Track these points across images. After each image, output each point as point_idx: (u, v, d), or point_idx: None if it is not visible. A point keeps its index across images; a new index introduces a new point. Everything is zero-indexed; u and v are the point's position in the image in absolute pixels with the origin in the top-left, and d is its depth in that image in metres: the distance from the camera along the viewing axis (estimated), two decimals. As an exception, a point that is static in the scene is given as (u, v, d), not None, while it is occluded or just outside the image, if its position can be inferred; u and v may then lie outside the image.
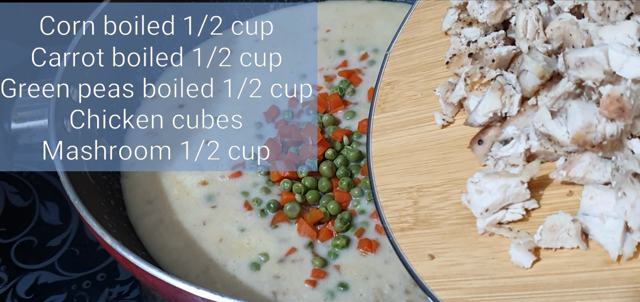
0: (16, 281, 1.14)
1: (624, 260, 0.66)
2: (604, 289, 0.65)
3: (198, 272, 0.96)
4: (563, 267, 0.68)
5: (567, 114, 0.72)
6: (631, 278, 0.65)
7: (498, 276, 0.70)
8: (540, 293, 0.68)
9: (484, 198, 0.73)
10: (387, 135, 0.89)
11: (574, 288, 0.67)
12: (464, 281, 0.72)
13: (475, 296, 0.70)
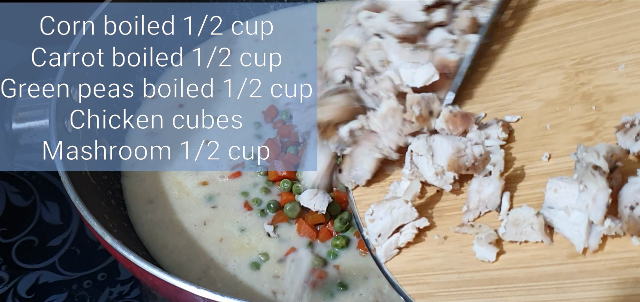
0: (17, 280, 1.14)
1: (589, 253, 0.66)
2: (569, 283, 0.66)
3: (198, 271, 0.96)
4: (529, 260, 0.69)
5: (434, 150, 0.76)
6: (596, 271, 0.65)
7: (465, 270, 0.71)
8: (506, 287, 0.68)
9: (375, 225, 0.75)
10: None
11: (540, 282, 0.67)
12: (432, 275, 0.73)
13: (443, 290, 0.71)
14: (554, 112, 0.78)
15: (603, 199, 0.65)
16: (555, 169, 0.73)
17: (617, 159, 0.68)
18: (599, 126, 0.74)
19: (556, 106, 0.78)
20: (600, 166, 0.65)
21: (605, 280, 0.64)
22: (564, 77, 0.80)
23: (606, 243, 0.66)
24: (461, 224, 0.74)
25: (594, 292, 0.64)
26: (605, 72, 0.78)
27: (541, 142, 0.76)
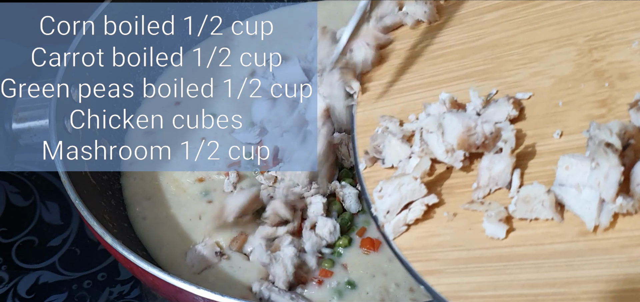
0: (17, 280, 1.14)
1: (600, 231, 0.66)
2: (579, 260, 0.65)
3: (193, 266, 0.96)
4: (539, 238, 0.68)
5: (444, 127, 0.75)
6: (607, 249, 0.64)
7: (474, 247, 0.71)
8: (515, 264, 0.68)
9: (383, 201, 0.75)
10: (372, 104, 0.89)
11: (549, 259, 0.66)
12: (441, 252, 0.72)
13: (451, 267, 0.70)
14: (567, 89, 0.77)
15: (615, 176, 0.64)
16: (567, 146, 0.72)
17: (630, 137, 0.67)
18: (611, 103, 0.73)
19: (569, 83, 0.77)
20: (613, 143, 0.65)
21: (616, 258, 0.64)
22: (577, 54, 0.79)
23: (617, 221, 0.65)
24: (471, 201, 0.73)
25: (604, 270, 0.63)
26: (619, 49, 0.77)
27: (553, 119, 0.75)
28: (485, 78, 0.84)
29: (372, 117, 0.88)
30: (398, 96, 0.88)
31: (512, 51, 0.84)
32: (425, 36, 0.93)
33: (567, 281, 0.64)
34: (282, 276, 0.90)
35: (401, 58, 0.92)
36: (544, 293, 0.65)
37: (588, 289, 0.63)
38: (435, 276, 0.71)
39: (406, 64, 0.91)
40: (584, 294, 0.63)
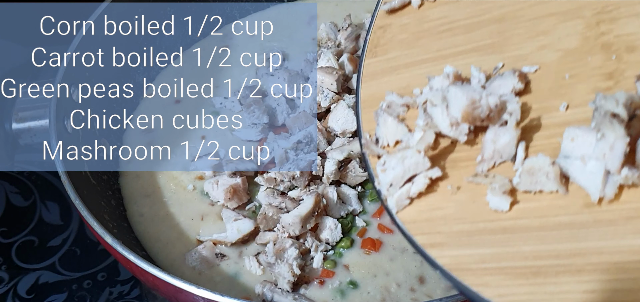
0: (17, 280, 1.14)
1: (605, 202, 0.65)
2: (584, 232, 0.65)
3: (195, 268, 0.96)
4: (543, 210, 0.68)
5: (448, 101, 0.75)
6: (612, 220, 0.64)
7: (478, 220, 0.70)
8: (519, 236, 0.68)
9: (387, 175, 0.74)
10: (378, 80, 0.89)
11: (554, 231, 0.66)
12: (444, 225, 0.72)
13: (455, 239, 0.70)
14: (573, 61, 0.76)
15: (621, 147, 0.64)
16: (573, 118, 0.72)
17: (637, 108, 0.66)
18: (619, 76, 0.73)
19: (575, 56, 0.77)
20: (619, 113, 0.65)
21: (621, 229, 0.63)
22: (584, 27, 0.78)
23: (623, 193, 0.65)
24: (475, 174, 0.73)
25: (609, 242, 0.63)
26: (627, 22, 0.76)
27: (559, 92, 0.75)
28: (491, 52, 0.83)
29: (377, 93, 0.87)
30: (404, 71, 0.87)
31: (518, 25, 0.83)
32: (431, 11, 0.91)
33: (572, 253, 0.64)
34: (286, 277, 0.90)
35: (407, 33, 0.90)
36: (548, 265, 0.65)
37: (592, 261, 0.63)
38: (438, 249, 0.71)
39: (412, 39, 0.90)
40: (589, 265, 0.63)
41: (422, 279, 0.92)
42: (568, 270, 0.64)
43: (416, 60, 0.87)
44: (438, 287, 0.91)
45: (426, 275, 0.93)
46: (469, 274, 0.68)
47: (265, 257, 0.93)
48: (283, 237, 0.94)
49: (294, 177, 1.00)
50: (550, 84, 0.76)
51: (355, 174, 1.01)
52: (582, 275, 0.63)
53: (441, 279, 0.91)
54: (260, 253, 0.96)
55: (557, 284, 0.63)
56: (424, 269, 0.93)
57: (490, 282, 0.66)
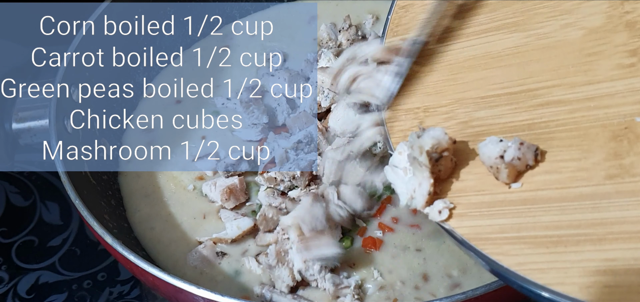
0: (17, 280, 1.14)
1: (627, 174, 0.66)
2: (606, 202, 0.65)
3: (196, 267, 0.96)
4: (564, 182, 0.68)
5: None
6: (634, 191, 0.65)
7: (498, 191, 0.71)
8: (539, 207, 0.68)
9: None
10: None
11: (574, 202, 0.67)
12: (463, 196, 0.73)
13: (475, 210, 0.71)
14: (597, 39, 0.77)
15: (426, 187, 0.72)
16: (596, 94, 0.73)
17: (443, 150, 0.72)
18: None
19: (599, 34, 0.77)
20: (422, 162, 0.72)
21: None
22: (608, 6, 0.79)
23: None
24: None
25: (632, 212, 0.64)
26: None
27: (582, 68, 0.75)
28: (514, 30, 0.83)
29: None
30: (425, 49, 0.87)
31: (542, 4, 0.84)
32: None
33: (593, 223, 0.65)
34: (286, 281, 0.90)
35: (428, 12, 0.90)
36: (569, 234, 0.65)
37: (614, 230, 0.63)
38: (457, 219, 0.71)
39: (433, 18, 0.90)
40: (610, 234, 0.63)
41: (426, 276, 0.92)
42: (589, 239, 0.64)
43: (438, 38, 0.87)
44: (441, 286, 0.91)
45: (430, 273, 0.92)
46: (488, 243, 0.68)
47: (266, 259, 0.93)
48: (283, 238, 0.94)
49: (294, 177, 1.00)
50: (574, 61, 0.76)
51: (356, 174, 1.01)
52: (604, 244, 0.63)
53: (444, 277, 0.92)
54: (260, 254, 0.96)
55: (578, 252, 0.64)
56: (427, 267, 0.93)
57: (509, 251, 0.67)
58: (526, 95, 0.77)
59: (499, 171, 0.71)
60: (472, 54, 0.84)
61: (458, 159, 0.76)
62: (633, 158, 0.67)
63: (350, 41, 1.20)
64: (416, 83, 0.86)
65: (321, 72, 1.10)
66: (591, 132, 0.70)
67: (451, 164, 0.74)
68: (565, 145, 0.71)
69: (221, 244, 0.98)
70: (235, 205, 1.02)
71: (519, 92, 0.78)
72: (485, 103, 0.79)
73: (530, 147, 0.71)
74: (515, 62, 0.81)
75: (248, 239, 0.98)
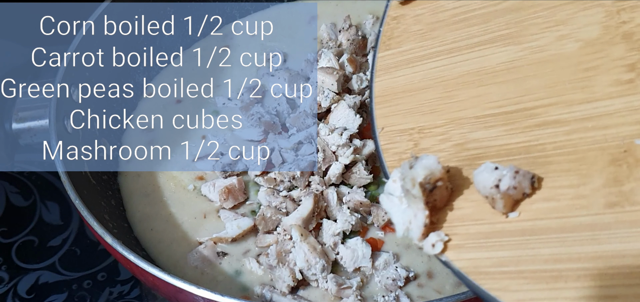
0: (17, 280, 1.14)
1: (627, 203, 0.63)
2: (606, 234, 0.63)
3: (197, 267, 0.96)
4: (563, 210, 0.66)
5: None
6: (635, 221, 0.62)
7: (496, 221, 0.69)
8: (538, 238, 0.66)
9: None
10: (391, 74, 0.87)
11: (574, 233, 0.64)
12: (461, 226, 0.70)
13: (472, 241, 0.69)
14: (594, 52, 0.74)
15: (421, 219, 0.69)
16: (594, 113, 0.70)
17: (437, 180, 0.70)
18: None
19: (596, 46, 0.74)
20: (415, 194, 0.69)
21: None
22: (604, 16, 0.76)
23: None
24: None
25: (632, 244, 0.61)
26: None
27: (579, 85, 0.73)
28: (508, 43, 0.80)
29: (391, 87, 0.85)
30: (418, 64, 0.85)
31: (536, 14, 0.81)
32: (446, 1, 0.89)
33: (593, 256, 0.62)
34: (286, 281, 0.90)
35: (421, 24, 0.88)
36: (569, 268, 0.63)
37: (614, 264, 0.61)
38: (454, 251, 0.69)
39: (426, 30, 0.88)
40: (610, 269, 0.61)
41: (431, 274, 0.92)
42: (590, 274, 0.62)
43: (431, 52, 0.85)
44: (447, 283, 0.91)
45: (434, 270, 0.92)
46: (487, 278, 0.66)
47: (267, 259, 0.93)
48: (284, 239, 0.94)
49: (294, 177, 1.00)
50: (570, 77, 0.74)
51: (360, 176, 1.01)
52: (604, 279, 0.61)
53: (449, 274, 0.91)
54: (260, 254, 0.96)
55: (578, 289, 0.62)
56: (431, 264, 0.93)
57: (509, 286, 0.65)
58: (522, 115, 0.75)
59: (495, 201, 0.69)
60: (467, 69, 0.81)
61: (454, 184, 0.73)
62: (633, 184, 0.64)
63: (350, 41, 1.20)
64: (410, 100, 0.83)
65: (321, 72, 1.10)
66: (589, 156, 0.68)
67: (447, 192, 0.72)
68: (563, 170, 0.68)
69: (222, 243, 0.98)
70: (234, 205, 1.02)
71: (515, 111, 0.75)
72: (480, 123, 0.77)
73: (526, 174, 0.68)
74: (511, 78, 0.78)
75: (249, 239, 0.98)
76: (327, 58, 1.14)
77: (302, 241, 0.92)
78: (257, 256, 0.96)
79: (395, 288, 0.90)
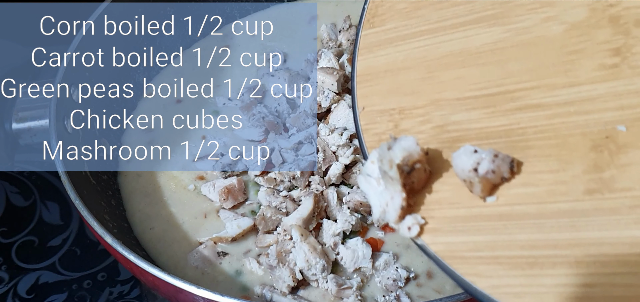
0: (17, 280, 1.14)
1: (606, 190, 0.62)
2: (584, 221, 0.62)
3: (197, 267, 0.96)
4: (542, 196, 0.65)
5: None
6: (614, 209, 0.61)
7: (473, 205, 0.68)
8: (515, 223, 0.65)
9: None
10: (374, 52, 0.86)
11: (552, 219, 0.63)
12: (438, 209, 0.70)
13: (449, 225, 0.68)
14: (579, 35, 0.73)
15: (398, 201, 0.68)
16: (576, 98, 0.69)
17: (415, 162, 0.69)
18: (626, 52, 0.69)
19: (582, 29, 0.73)
20: (392, 176, 0.68)
21: (624, 219, 0.60)
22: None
23: (626, 178, 0.62)
24: None
25: (610, 232, 0.60)
26: None
27: (563, 68, 0.71)
28: (493, 24, 0.79)
29: (373, 66, 0.84)
30: (401, 43, 0.84)
31: None
32: None
33: (570, 243, 0.61)
34: (286, 281, 0.90)
35: (406, 2, 0.87)
36: (545, 255, 0.62)
37: (592, 252, 0.60)
38: (430, 235, 0.68)
39: (411, 9, 0.86)
40: (587, 257, 0.60)
41: (430, 274, 0.92)
42: (566, 261, 0.61)
43: (414, 31, 0.84)
44: (447, 283, 0.91)
45: (434, 270, 0.93)
46: (462, 263, 0.65)
47: (267, 260, 0.93)
48: (284, 239, 0.94)
49: (294, 177, 1.00)
50: (554, 60, 0.73)
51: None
52: (581, 267, 0.60)
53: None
54: (260, 254, 0.96)
55: (554, 276, 0.61)
56: (431, 264, 0.92)
57: (483, 272, 0.64)
58: (504, 98, 0.73)
59: (473, 185, 0.68)
60: (450, 50, 0.80)
61: (433, 167, 0.72)
62: (613, 171, 0.63)
63: (350, 41, 1.20)
64: (392, 80, 0.81)
65: (321, 72, 1.10)
66: (570, 141, 0.67)
67: (425, 174, 0.71)
68: (544, 155, 0.67)
69: (222, 243, 0.98)
70: (234, 205, 1.02)
71: (497, 93, 0.74)
72: (461, 105, 0.75)
73: (505, 158, 0.67)
74: (494, 60, 0.77)
75: (249, 239, 0.98)
76: (327, 58, 1.14)
77: (302, 241, 0.92)
78: (257, 256, 0.96)
79: (395, 288, 0.90)
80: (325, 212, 0.98)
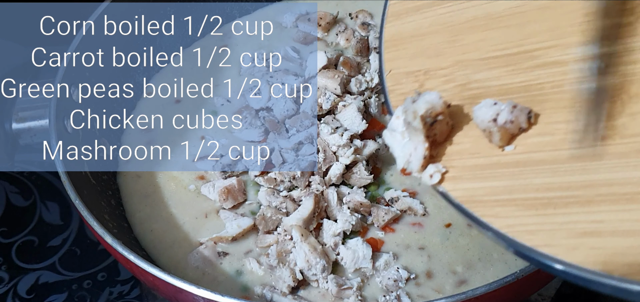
0: (17, 280, 1.14)
1: (617, 136, 0.66)
2: (595, 164, 0.66)
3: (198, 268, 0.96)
4: (557, 144, 0.69)
5: None
6: (623, 153, 0.66)
7: (491, 154, 0.72)
8: (531, 169, 0.69)
9: None
10: (402, 19, 0.89)
11: (565, 164, 0.67)
12: (458, 159, 0.73)
13: (468, 173, 0.72)
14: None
15: (421, 151, 0.72)
16: (591, 54, 0.72)
17: (438, 114, 0.73)
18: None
19: None
20: (415, 127, 0.72)
21: (632, 162, 0.65)
22: None
23: (634, 124, 0.67)
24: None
25: (619, 174, 0.65)
26: None
27: (579, 28, 0.75)
28: None
29: (400, 31, 0.88)
30: (427, 10, 0.87)
31: None
32: None
33: (582, 185, 0.66)
34: (287, 281, 0.90)
35: None
36: (559, 196, 0.66)
37: (601, 192, 0.64)
38: (451, 182, 0.72)
39: None
40: (598, 196, 0.64)
41: (430, 274, 0.92)
42: (578, 201, 0.65)
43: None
44: (446, 283, 0.91)
45: (434, 270, 0.93)
46: (480, 206, 0.69)
47: (267, 260, 0.93)
48: (285, 239, 0.94)
49: (295, 177, 1.00)
50: (571, 21, 0.76)
51: (360, 177, 1.01)
52: (591, 206, 0.64)
53: (449, 274, 0.92)
54: (261, 255, 0.96)
55: (566, 214, 0.65)
56: (431, 264, 0.93)
57: (500, 213, 0.68)
58: (523, 57, 0.77)
59: (492, 134, 0.72)
60: (474, 15, 0.84)
61: (455, 122, 0.76)
62: (625, 119, 0.67)
63: (350, 41, 1.20)
64: (418, 44, 0.86)
65: (323, 74, 1.10)
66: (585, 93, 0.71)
67: (447, 127, 0.75)
68: (560, 106, 0.71)
69: (222, 243, 0.98)
70: (234, 205, 1.02)
71: (517, 53, 0.78)
72: (483, 65, 0.80)
73: (523, 109, 0.72)
74: (515, 23, 0.80)
75: (250, 239, 0.98)
76: (327, 59, 1.14)
77: (302, 241, 0.92)
78: (257, 256, 0.96)
79: (396, 288, 0.90)
80: (325, 212, 0.98)
